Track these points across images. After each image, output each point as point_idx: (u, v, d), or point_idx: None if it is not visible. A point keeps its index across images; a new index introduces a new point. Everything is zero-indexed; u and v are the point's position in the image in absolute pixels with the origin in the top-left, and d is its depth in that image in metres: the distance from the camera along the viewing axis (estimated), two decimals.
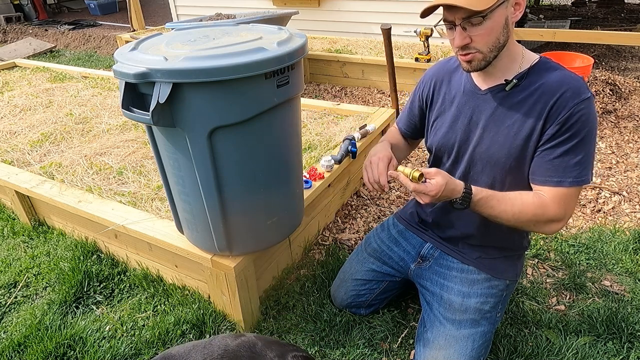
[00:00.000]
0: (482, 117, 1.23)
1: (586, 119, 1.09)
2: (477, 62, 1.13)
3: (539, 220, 1.16)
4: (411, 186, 1.12)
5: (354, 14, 4.98)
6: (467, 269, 1.40)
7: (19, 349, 1.59)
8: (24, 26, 8.08)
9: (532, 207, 1.15)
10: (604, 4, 7.01)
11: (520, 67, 1.17)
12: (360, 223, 2.25)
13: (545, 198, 1.15)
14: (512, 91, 1.17)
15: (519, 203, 1.16)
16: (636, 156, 2.76)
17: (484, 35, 1.08)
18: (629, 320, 1.59)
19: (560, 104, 1.09)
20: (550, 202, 1.14)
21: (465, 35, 1.09)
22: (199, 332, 1.62)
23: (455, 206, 1.16)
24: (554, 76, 1.13)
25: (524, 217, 1.15)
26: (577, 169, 1.11)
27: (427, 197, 1.11)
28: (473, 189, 1.15)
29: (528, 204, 1.15)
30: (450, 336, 1.33)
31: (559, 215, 1.15)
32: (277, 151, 1.31)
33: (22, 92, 3.40)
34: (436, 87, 1.37)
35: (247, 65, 1.07)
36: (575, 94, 1.08)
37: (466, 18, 1.06)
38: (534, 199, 1.15)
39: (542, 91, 1.13)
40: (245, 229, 1.40)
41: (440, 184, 1.10)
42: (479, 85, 1.24)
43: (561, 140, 1.11)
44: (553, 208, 1.14)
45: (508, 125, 1.18)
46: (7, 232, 2.25)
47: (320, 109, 2.83)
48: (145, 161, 2.23)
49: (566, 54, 3.51)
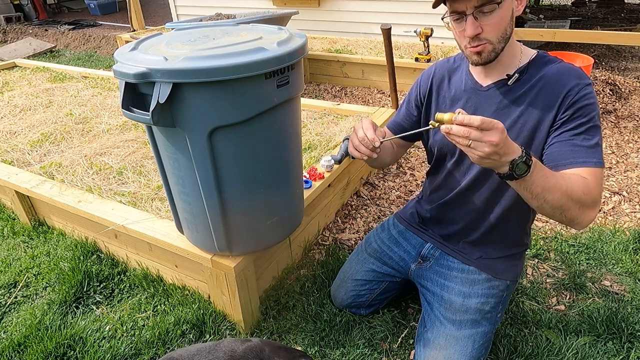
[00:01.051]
0: (485, 114, 1.22)
1: (593, 102, 1.10)
2: (487, 53, 1.13)
3: (586, 201, 1.02)
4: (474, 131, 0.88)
5: (354, 14, 4.98)
6: (467, 269, 1.40)
7: (19, 349, 1.59)
8: (24, 26, 8.08)
9: (579, 185, 1.01)
10: (604, 4, 7.01)
11: (520, 62, 1.18)
12: (360, 223, 2.25)
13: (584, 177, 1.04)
14: (514, 85, 1.18)
15: (567, 178, 1.01)
16: (636, 156, 2.76)
17: (495, 24, 1.08)
18: (629, 320, 1.59)
19: (567, 89, 1.10)
20: (590, 182, 1.03)
21: (477, 25, 1.08)
22: (199, 332, 1.63)
23: (518, 172, 0.93)
24: (554, 68, 1.15)
25: (575, 194, 1.00)
26: (597, 150, 1.08)
27: (489, 146, 0.89)
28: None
29: (575, 179, 1.02)
30: (450, 336, 1.33)
31: (598, 197, 1.05)
32: (277, 151, 1.31)
33: (22, 92, 3.40)
34: (434, 87, 1.37)
35: (247, 65, 1.07)
36: (579, 79, 1.10)
37: (479, 6, 1.06)
38: (578, 177, 1.03)
39: (545, 82, 1.14)
40: (245, 229, 1.40)
41: (500, 128, 0.89)
42: (480, 82, 1.24)
43: (577, 124, 1.09)
44: (593, 187, 1.03)
45: (513, 119, 1.18)
46: (7, 232, 2.25)
47: (320, 109, 2.83)
48: (145, 161, 2.23)
49: (566, 54, 3.51)
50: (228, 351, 1.19)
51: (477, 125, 0.88)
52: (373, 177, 2.63)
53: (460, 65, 1.32)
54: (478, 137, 0.89)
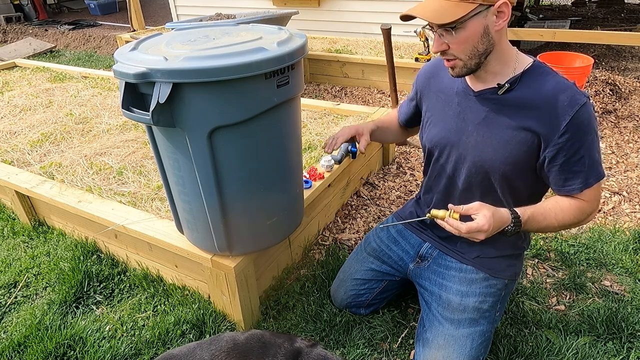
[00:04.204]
0: (474, 119, 1.23)
1: (588, 123, 1.10)
2: (459, 68, 1.15)
3: (580, 220, 1.20)
4: (464, 229, 1.08)
5: (354, 14, 4.98)
6: (465, 268, 1.40)
7: (19, 349, 1.60)
8: (24, 26, 8.08)
9: (571, 212, 1.18)
10: (604, 4, 7.01)
11: (515, 71, 1.16)
12: (360, 223, 2.25)
13: (579, 200, 1.18)
14: (506, 96, 1.17)
15: (559, 210, 1.17)
16: (636, 156, 2.76)
17: (460, 43, 1.09)
18: (629, 320, 1.59)
19: (561, 113, 1.09)
20: (586, 203, 1.18)
21: (441, 42, 1.11)
22: (199, 332, 1.63)
23: (508, 234, 1.15)
24: (549, 84, 1.13)
25: (567, 221, 1.19)
26: (595, 167, 1.15)
27: (482, 233, 1.09)
28: (518, 210, 1.15)
29: (567, 209, 1.18)
30: (449, 336, 1.34)
31: (594, 209, 1.20)
32: (277, 151, 1.31)
33: (22, 92, 3.40)
34: (430, 84, 1.38)
35: (247, 65, 1.07)
36: (573, 102, 1.09)
37: (441, 26, 1.07)
38: (570, 203, 1.18)
39: (540, 99, 1.12)
40: (245, 229, 1.40)
41: (488, 215, 1.08)
42: (471, 87, 1.24)
43: (573, 150, 1.12)
44: (589, 206, 1.18)
45: (502, 130, 1.18)
46: (7, 232, 2.25)
47: (320, 109, 2.83)
48: (145, 161, 2.24)
49: (566, 54, 3.51)
50: (230, 340, 1.20)
51: (465, 232, 1.09)
52: (373, 177, 2.63)
53: None
54: (468, 236, 1.11)
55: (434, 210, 1.15)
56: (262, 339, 1.21)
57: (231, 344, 1.19)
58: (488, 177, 1.25)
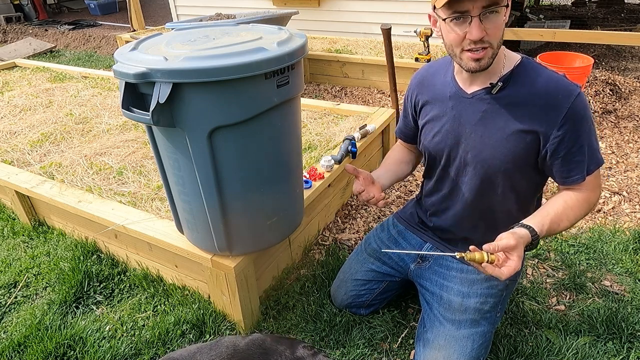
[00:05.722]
0: (470, 121, 1.23)
1: (584, 112, 1.12)
2: (487, 59, 1.11)
3: (589, 211, 1.23)
4: (504, 275, 1.04)
5: (354, 14, 4.98)
6: (466, 269, 1.40)
7: (19, 349, 1.60)
8: (24, 26, 8.08)
9: (580, 207, 1.19)
10: (604, 4, 7.00)
11: (504, 68, 1.17)
12: (360, 223, 2.25)
13: (584, 191, 1.19)
14: (499, 95, 1.18)
15: (569, 210, 1.18)
16: (636, 156, 2.76)
17: (497, 28, 1.08)
18: (629, 320, 1.59)
19: (557, 107, 1.10)
20: (590, 193, 1.20)
21: (483, 28, 1.06)
22: (199, 332, 1.62)
23: (527, 250, 1.12)
24: (542, 79, 1.13)
25: (579, 217, 1.21)
26: (594, 154, 1.17)
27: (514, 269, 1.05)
28: (535, 227, 1.11)
29: (576, 206, 1.19)
30: (450, 336, 1.34)
31: (598, 196, 1.23)
32: (277, 151, 1.31)
33: (22, 92, 3.40)
34: (422, 92, 1.38)
35: (247, 65, 1.07)
36: (568, 94, 1.10)
37: (487, 7, 1.04)
38: (577, 198, 1.19)
39: (533, 96, 1.13)
40: (245, 229, 1.40)
41: (521, 254, 1.05)
42: (464, 89, 1.24)
43: (573, 141, 1.13)
44: (594, 195, 1.21)
45: (499, 128, 1.18)
46: (7, 232, 2.25)
47: (320, 109, 2.83)
48: (145, 161, 2.24)
49: (566, 54, 3.51)
50: (230, 346, 1.19)
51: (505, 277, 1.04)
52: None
53: (447, 69, 1.32)
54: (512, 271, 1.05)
55: (469, 253, 1.07)
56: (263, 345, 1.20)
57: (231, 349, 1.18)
58: (490, 177, 1.25)
